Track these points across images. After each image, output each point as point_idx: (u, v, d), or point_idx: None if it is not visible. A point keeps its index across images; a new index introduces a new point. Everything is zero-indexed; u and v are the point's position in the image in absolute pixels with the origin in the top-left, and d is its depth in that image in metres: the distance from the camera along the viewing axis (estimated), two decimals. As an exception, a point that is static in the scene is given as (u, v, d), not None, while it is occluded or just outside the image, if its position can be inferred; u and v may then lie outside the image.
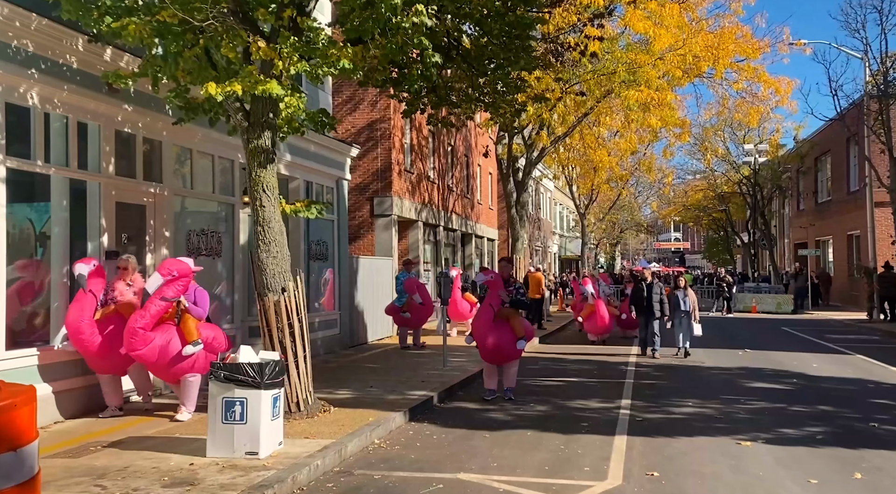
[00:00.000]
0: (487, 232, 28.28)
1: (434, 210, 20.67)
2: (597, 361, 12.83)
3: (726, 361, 12.62)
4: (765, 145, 34.04)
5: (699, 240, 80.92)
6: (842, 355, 13.79)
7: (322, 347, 12.88)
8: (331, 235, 13.72)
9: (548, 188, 45.02)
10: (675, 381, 10.50)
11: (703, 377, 10.80)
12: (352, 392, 8.87)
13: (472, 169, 26.00)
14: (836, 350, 14.44)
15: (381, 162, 17.08)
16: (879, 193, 27.03)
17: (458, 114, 10.93)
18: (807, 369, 11.70)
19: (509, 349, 8.62)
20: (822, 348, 14.97)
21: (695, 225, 55.09)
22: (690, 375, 11.11)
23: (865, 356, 13.47)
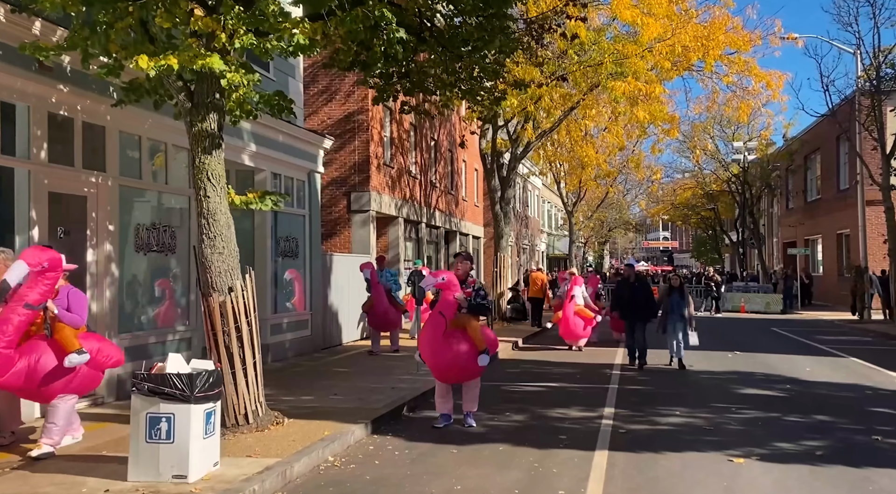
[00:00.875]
0: (473, 230, 27.63)
1: (416, 206, 19.98)
2: (581, 364, 12.20)
3: (716, 364, 12.03)
4: (754, 143, 33.61)
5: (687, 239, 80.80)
6: (835, 357, 13.25)
7: (291, 349, 12.17)
8: (302, 230, 12.99)
9: (535, 186, 44.43)
10: (662, 387, 9.88)
11: (691, 383, 10.19)
12: (313, 400, 8.18)
13: (457, 165, 25.34)
14: (828, 353, 13.91)
15: (359, 155, 16.37)
16: (871, 191, 26.57)
17: (435, 102, 10.26)
18: (800, 373, 11.12)
19: (468, 366, 7.04)
20: (813, 350, 14.43)
21: (683, 224, 54.75)
22: (678, 380, 10.49)
23: (859, 358, 12.94)
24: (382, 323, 12.67)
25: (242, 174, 11.58)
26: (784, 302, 27.80)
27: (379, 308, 12.44)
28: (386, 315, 12.52)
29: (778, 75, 18.25)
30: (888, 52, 19.69)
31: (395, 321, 12.85)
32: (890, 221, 19.32)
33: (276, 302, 11.98)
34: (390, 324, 12.75)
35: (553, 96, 17.78)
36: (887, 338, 16.90)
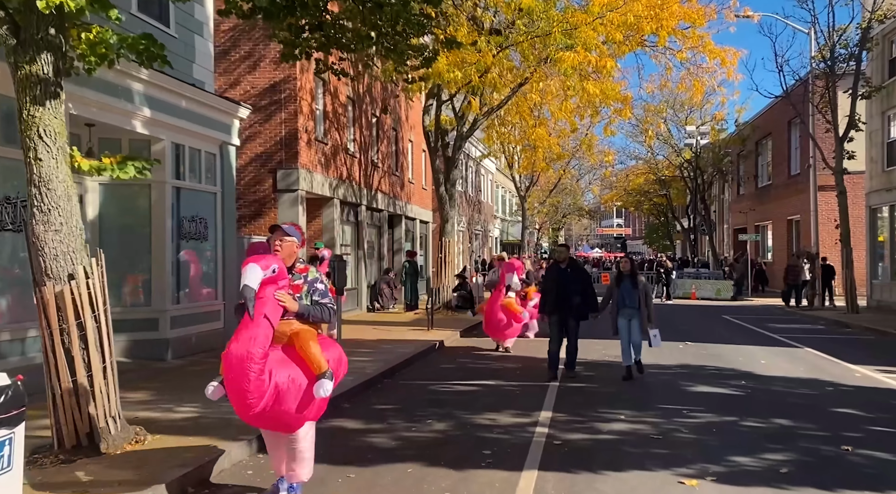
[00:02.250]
0: (420, 214, 26.40)
1: (354, 187, 18.63)
2: (523, 359, 11.16)
3: (666, 356, 11.14)
4: (706, 127, 33.22)
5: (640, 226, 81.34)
6: (789, 347, 12.55)
7: (199, 344, 10.78)
8: (212, 210, 11.55)
9: (489, 170, 43.40)
10: (608, 384, 8.89)
11: (638, 379, 9.22)
12: (197, 408, 6.88)
13: (402, 145, 24.01)
14: (782, 342, 13.23)
15: (286, 129, 14.92)
16: (823, 176, 26.39)
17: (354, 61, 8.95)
18: (755, 366, 10.31)
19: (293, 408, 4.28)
20: (767, 339, 13.75)
21: (636, 210, 54.62)
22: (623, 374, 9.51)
23: (814, 349, 12.26)
24: None
25: (137, 144, 10.07)
26: (735, 289, 27.52)
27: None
28: None
29: (733, 52, 17.46)
30: (842, 31, 19.16)
31: None
32: (842, 205, 18.87)
33: (177, 291, 10.56)
34: None
35: (501, 70, 16.64)
36: (839, 326, 16.43)
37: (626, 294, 9.11)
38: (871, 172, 21.09)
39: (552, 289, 9.33)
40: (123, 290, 10.13)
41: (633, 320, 9.07)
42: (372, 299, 19.87)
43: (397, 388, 8.70)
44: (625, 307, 9.13)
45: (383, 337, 13.14)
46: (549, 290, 9.43)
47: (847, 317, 17.68)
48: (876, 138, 20.59)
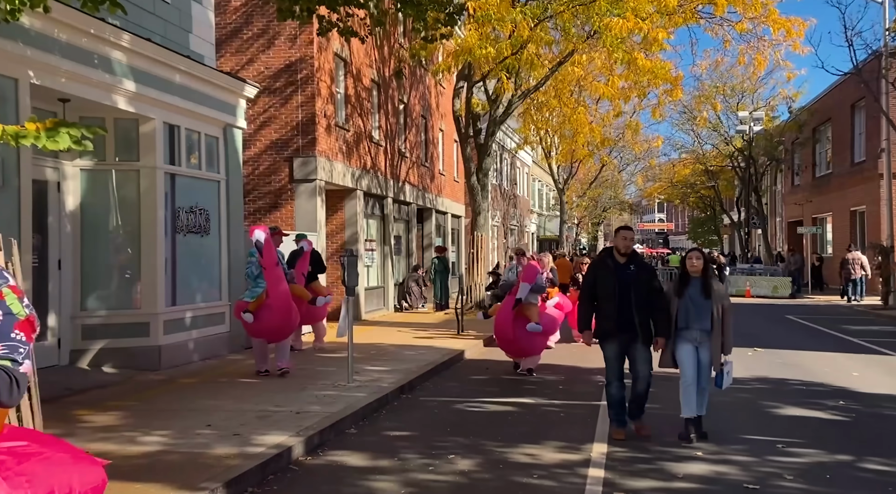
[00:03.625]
0: (451, 207, 24.98)
1: (380, 178, 17.31)
2: (563, 368, 9.63)
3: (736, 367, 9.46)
4: (760, 113, 30.96)
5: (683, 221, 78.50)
6: (879, 355, 10.73)
7: (198, 351, 9.56)
8: (215, 200, 10.32)
9: (525, 163, 41.75)
10: (671, 405, 7.31)
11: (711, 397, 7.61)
12: (165, 439, 5.57)
13: (433, 134, 22.61)
14: (868, 349, 11.38)
15: (303, 113, 13.65)
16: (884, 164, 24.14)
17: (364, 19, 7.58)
18: (848, 380, 8.59)
19: None
20: (848, 345, 11.92)
21: (681, 203, 52.20)
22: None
23: (911, 357, 10.43)
24: (279, 327, 8.21)
25: (123, 124, 8.88)
26: (793, 286, 25.40)
27: (276, 305, 8.05)
28: (287, 315, 8.24)
29: (799, 22, 15.55)
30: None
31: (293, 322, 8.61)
32: (924, 193, 16.74)
33: (174, 291, 9.34)
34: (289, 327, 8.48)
35: (538, 46, 15.08)
36: (927, 328, 14.43)
37: (694, 308, 5.79)
38: (955, 156, 18.83)
39: (608, 297, 5.89)
40: (108, 290, 8.96)
41: (701, 348, 5.84)
42: (400, 298, 18.55)
43: (416, 407, 7.29)
44: (689, 328, 5.81)
45: (407, 342, 11.77)
46: (603, 298, 5.94)
47: (933, 318, 15.64)
48: (961, 117, 18.35)
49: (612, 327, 5.93)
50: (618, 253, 6.05)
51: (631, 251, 6.08)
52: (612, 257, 6.08)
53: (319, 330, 10.88)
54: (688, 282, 5.92)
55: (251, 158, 13.78)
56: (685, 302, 5.85)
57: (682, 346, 5.87)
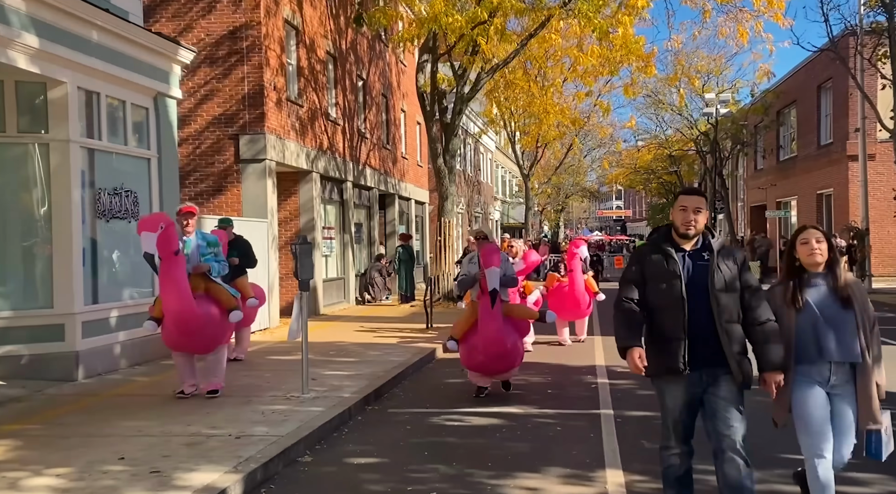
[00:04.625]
0: (416, 193, 23.75)
1: (338, 160, 15.97)
2: (550, 367, 8.59)
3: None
4: (727, 95, 30.53)
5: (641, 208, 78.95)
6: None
7: (126, 356, 8.20)
8: (145, 180, 8.91)
9: (488, 148, 40.75)
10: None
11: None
12: (63, 479, 4.30)
13: (394, 114, 21.30)
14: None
15: (250, 86, 12.23)
16: (852, 145, 23.90)
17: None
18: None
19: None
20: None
21: (644, 188, 51.98)
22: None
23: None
24: (179, 337, 6.31)
25: (29, 88, 7.43)
26: (760, 270, 25.04)
27: (170, 308, 6.10)
28: (185, 322, 6.16)
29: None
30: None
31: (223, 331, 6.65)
32: (903, 173, 16.28)
33: (95, 287, 7.94)
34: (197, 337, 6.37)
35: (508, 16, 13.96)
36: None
37: (827, 326, 3.46)
38: (929, 136, 18.45)
39: (668, 307, 3.42)
40: (13, 287, 7.52)
41: (839, 393, 3.51)
42: (362, 290, 17.30)
43: (385, 421, 6.13)
44: (817, 361, 3.48)
45: (371, 340, 10.58)
46: (660, 308, 3.46)
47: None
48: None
49: (677, 358, 3.32)
50: (677, 234, 3.44)
51: (702, 229, 3.44)
52: (671, 240, 3.47)
53: (241, 339, 8.70)
54: (804, 283, 3.50)
55: (192, 135, 12.33)
56: (807, 317, 3.43)
57: (805, 391, 3.44)
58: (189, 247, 6.40)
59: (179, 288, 6.01)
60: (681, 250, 3.44)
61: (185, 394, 6.52)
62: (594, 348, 9.85)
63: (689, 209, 3.41)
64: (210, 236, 6.66)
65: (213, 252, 6.53)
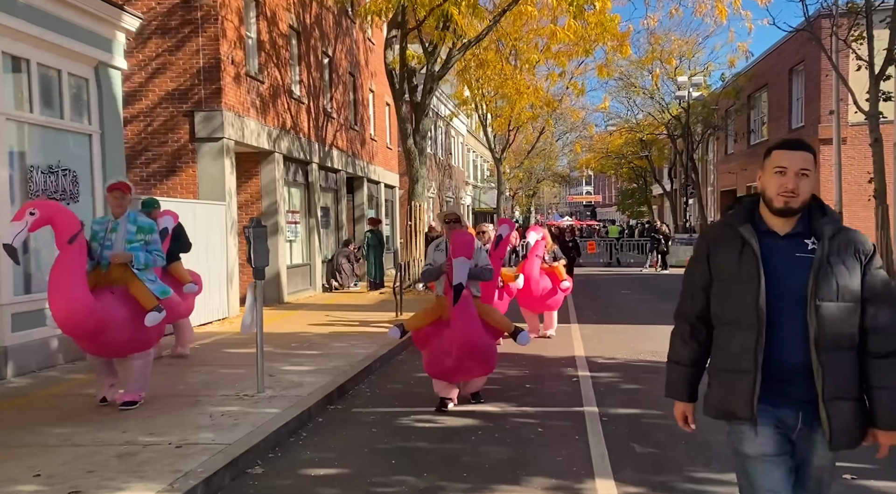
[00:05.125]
0: (385, 176, 23.05)
1: (302, 140, 15.20)
2: (526, 359, 8.09)
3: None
4: (699, 78, 30.36)
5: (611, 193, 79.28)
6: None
7: (65, 351, 7.46)
8: (85, 158, 8.13)
9: (459, 132, 40.13)
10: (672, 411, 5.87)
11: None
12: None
13: (362, 94, 20.52)
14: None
15: (206, 59, 11.40)
16: (824, 129, 23.87)
17: None
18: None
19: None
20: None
21: (615, 173, 51.92)
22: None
23: None
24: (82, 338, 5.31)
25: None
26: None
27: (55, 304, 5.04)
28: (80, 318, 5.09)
29: (759, -29, 14.37)
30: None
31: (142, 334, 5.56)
32: (878, 155, 16.13)
33: (26, 277, 7.18)
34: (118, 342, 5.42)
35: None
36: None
37: None
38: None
39: (743, 321, 2.26)
40: (-71, 277, 6.72)
41: None
42: (329, 276, 16.63)
43: (348, 423, 5.56)
44: None
45: (337, 330, 9.97)
46: (732, 321, 2.30)
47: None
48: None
49: (743, 400, 2.27)
50: (770, 210, 2.31)
51: (807, 202, 2.30)
52: (756, 219, 2.34)
53: (181, 332, 7.82)
54: None
55: (143, 111, 11.48)
56: None
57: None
58: (116, 231, 5.47)
59: (73, 281, 5.00)
60: (769, 235, 2.26)
61: (105, 401, 5.70)
62: (572, 338, 9.39)
63: (789, 172, 2.23)
64: (144, 221, 5.62)
65: (144, 240, 5.52)
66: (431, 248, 5.95)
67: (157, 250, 5.58)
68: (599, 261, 26.77)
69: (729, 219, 2.38)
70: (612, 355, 8.05)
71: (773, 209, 2.28)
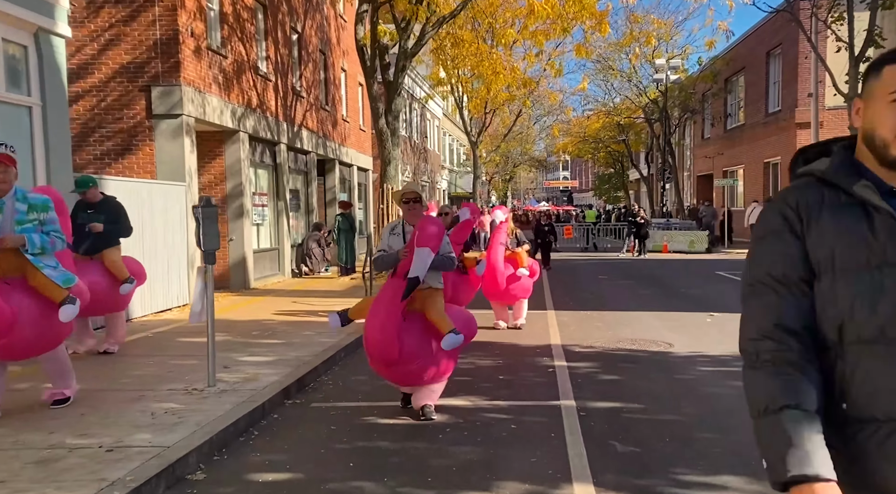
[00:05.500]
0: (358, 159, 22.44)
1: (270, 120, 14.56)
2: (498, 347, 7.70)
3: (701, 340, 7.90)
4: (677, 61, 30.08)
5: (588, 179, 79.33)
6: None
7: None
8: (25, 133, 7.49)
9: (435, 115, 39.51)
10: (664, 405, 5.51)
11: (686, 381, 5.91)
12: None
13: (334, 73, 19.84)
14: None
15: (162, 31, 10.71)
16: (801, 113, 23.78)
17: None
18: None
19: None
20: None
21: (592, 158, 51.76)
22: (663, 375, 6.20)
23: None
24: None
25: None
26: (708, 240, 24.95)
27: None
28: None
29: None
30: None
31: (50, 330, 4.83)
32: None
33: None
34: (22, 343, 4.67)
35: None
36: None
37: None
38: (879, 103, 18.26)
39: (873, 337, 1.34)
40: None
41: None
42: (298, 261, 16.09)
43: (306, 420, 5.10)
44: None
45: (303, 318, 9.47)
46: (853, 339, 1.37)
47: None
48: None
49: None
50: (879, 160, 1.44)
51: None
52: (862, 173, 1.47)
53: (113, 327, 7.04)
54: None
55: (96, 86, 10.78)
56: None
57: None
58: (2, 211, 4.54)
59: None
60: (893, 197, 1.42)
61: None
62: (548, 325, 9.02)
63: None
64: (35, 198, 4.72)
65: (38, 220, 4.63)
66: (386, 232, 5.15)
67: (55, 230, 4.74)
68: (576, 246, 26.50)
69: (827, 172, 1.48)
70: (590, 343, 7.69)
71: (891, 158, 1.42)
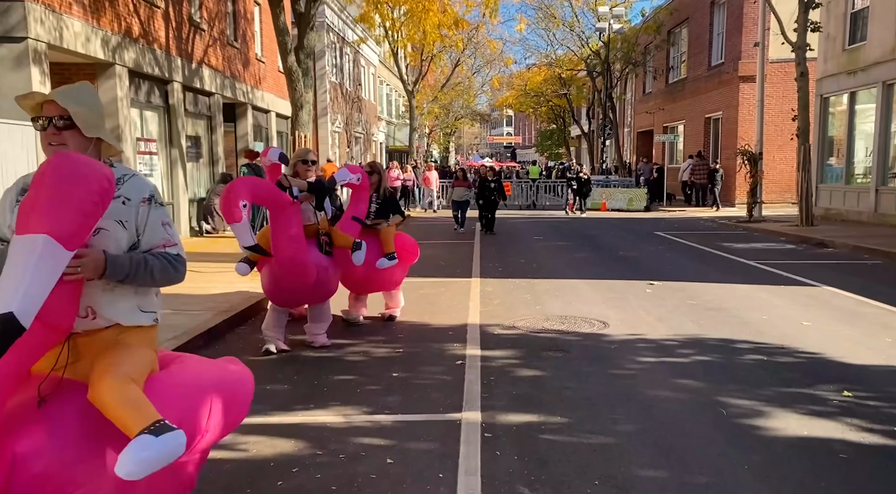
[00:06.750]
0: (277, 105, 20.39)
1: (158, 54, 12.49)
2: (410, 329, 6.35)
3: (640, 317, 6.74)
4: (621, 9, 28.77)
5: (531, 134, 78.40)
6: (800, 286, 8.48)
7: None
8: None
9: (371, 62, 37.20)
10: (581, 416, 4.27)
11: (622, 378, 4.72)
12: None
13: (244, 6, 17.62)
14: (782, 278, 9.12)
15: (-4, -70, 8.55)
16: (746, 64, 22.99)
17: None
18: (795, 332, 6.11)
19: None
20: (753, 272, 9.70)
21: (534, 113, 50.51)
22: (595, 369, 4.98)
23: (836, 287, 8.32)
24: None
25: None
26: (647, 198, 24.24)
27: None
28: None
29: None
30: None
31: None
32: (803, 90, 15.12)
33: None
34: None
35: None
36: (812, 244, 12.88)
37: None
38: (825, 54, 17.52)
39: None
40: None
41: None
42: (199, 218, 14.26)
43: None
44: None
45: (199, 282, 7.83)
46: None
47: (804, 230, 14.34)
48: (836, 9, 16.88)
49: None
50: None
51: None
52: None
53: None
54: None
55: None
56: None
57: None
58: None
59: None
60: None
61: None
62: (469, 296, 7.72)
63: None
64: None
65: None
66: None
67: None
68: (516, 204, 25.34)
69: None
70: (513, 322, 6.43)
71: None
